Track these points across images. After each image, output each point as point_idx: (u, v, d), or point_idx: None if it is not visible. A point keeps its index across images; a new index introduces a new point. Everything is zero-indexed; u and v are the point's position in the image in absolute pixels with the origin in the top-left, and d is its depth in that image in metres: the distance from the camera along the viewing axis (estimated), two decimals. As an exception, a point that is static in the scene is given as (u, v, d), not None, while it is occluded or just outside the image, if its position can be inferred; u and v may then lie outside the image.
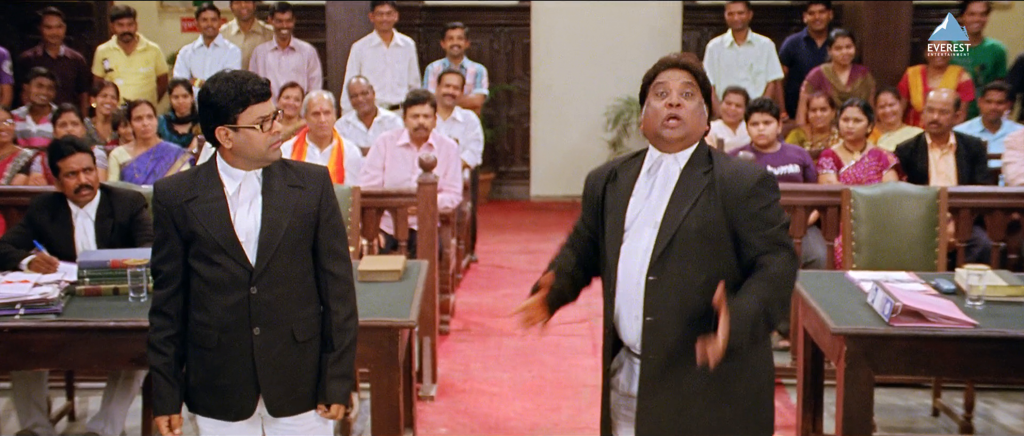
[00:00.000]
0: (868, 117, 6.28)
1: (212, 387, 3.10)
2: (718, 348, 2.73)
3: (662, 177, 2.98)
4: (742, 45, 8.51)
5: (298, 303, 3.09)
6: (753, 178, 2.91)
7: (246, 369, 3.06)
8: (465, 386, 5.61)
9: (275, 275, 3.03)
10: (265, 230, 3.03)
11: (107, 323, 3.85)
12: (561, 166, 10.83)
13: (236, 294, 3.02)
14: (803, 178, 6.27)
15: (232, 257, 3.01)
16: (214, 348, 3.06)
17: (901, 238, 5.30)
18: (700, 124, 2.97)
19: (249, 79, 3.00)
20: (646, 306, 2.91)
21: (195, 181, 3.07)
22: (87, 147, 4.76)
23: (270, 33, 8.97)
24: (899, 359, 3.82)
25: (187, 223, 3.03)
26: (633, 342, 2.98)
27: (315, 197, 3.10)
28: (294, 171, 3.12)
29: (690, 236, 2.88)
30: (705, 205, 2.89)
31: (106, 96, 7.82)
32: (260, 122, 2.99)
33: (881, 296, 3.91)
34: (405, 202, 5.67)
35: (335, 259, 3.13)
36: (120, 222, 4.74)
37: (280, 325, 3.06)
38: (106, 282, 4.14)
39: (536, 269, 8.02)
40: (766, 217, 2.89)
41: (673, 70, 2.98)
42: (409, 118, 6.60)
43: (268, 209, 3.04)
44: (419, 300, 4.16)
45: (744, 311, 2.78)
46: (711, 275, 2.87)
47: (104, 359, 3.97)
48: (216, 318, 3.04)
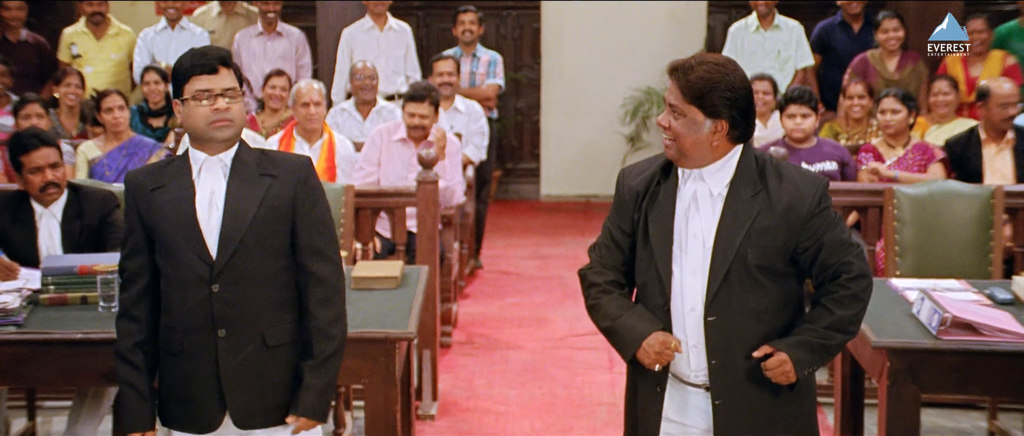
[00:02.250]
0: (908, 107, 6.26)
1: (181, 397, 3.13)
2: (789, 376, 2.99)
3: (700, 193, 3.02)
4: (768, 29, 8.48)
5: (269, 305, 3.09)
6: (814, 196, 2.98)
7: (211, 375, 3.08)
8: (468, 404, 5.60)
9: (239, 272, 3.04)
10: (227, 221, 3.04)
11: (74, 335, 3.84)
12: (574, 163, 10.83)
13: (197, 292, 3.04)
14: (841, 176, 6.24)
15: (193, 249, 3.03)
16: (179, 353, 3.09)
17: (951, 242, 5.27)
18: (697, 144, 2.95)
19: (204, 52, 3.08)
20: (709, 348, 3.01)
21: (165, 170, 3.12)
22: (54, 141, 4.75)
23: (255, 16, 8.96)
24: (948, 376, 3.80)
25: (151, 213, 3.07)
26: (686, 373, 3.08)
27: (289, 187, 3.10)
28: (269, 160, 3.14)
29: (747, 268, 2.96)
30: (760, 233, 2.96)
31: (70, 85, 7.76)
32: (198, 95, 3.03)
33: (928, 306, 3.89)
34: (403, 202, 5.65)
35: (317, 258, 3.13)
36: (89, 224, 4.73)
37: (247, 328, 3.07)
38: (73, 290, 4.13)
39: (546, 276, 8.05)
40: (832, 237, 2.99)
41: (670, 79, 2.99)
42: (406, 116, 6.59)
43: (232, 199, 3.06)
44: (418, 310, 4.15)
45: (810, 344, 3.00)
46: (771, 300, 3.01)
47: (70, 375, 3.95)
48: (179, 319, 3.07)
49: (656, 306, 3.05)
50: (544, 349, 6.43)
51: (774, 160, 3.06)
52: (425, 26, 10.29)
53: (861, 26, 8.48)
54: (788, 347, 2.98)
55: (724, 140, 2.96)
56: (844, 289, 2.99)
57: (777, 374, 2.98)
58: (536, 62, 10.78)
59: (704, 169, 2.99)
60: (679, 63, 2.96)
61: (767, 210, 2.96)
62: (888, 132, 6.26)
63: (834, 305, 2.99)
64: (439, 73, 7.76)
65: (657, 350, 3.00)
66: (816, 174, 3.09)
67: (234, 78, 3.09)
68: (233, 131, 3.08)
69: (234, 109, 3.07)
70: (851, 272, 2.99)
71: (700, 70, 2.92)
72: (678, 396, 3.11)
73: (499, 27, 10.68)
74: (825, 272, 3.00)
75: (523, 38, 10.76)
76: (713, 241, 2.97)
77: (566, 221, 9.97)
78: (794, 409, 3.09)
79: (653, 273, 3.04)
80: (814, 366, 3.03)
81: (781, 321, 3.03)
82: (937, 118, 7.03)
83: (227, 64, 3.09)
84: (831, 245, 2.98)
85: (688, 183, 3.03)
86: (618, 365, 6.00)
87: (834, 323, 2.99)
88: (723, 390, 3.03)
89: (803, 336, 2.99)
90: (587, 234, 9.42)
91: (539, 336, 6.68)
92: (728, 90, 2.92)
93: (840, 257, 2.98)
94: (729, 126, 2.94)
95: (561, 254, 8.71)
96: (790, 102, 6.37)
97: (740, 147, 3.01)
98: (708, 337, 3.00)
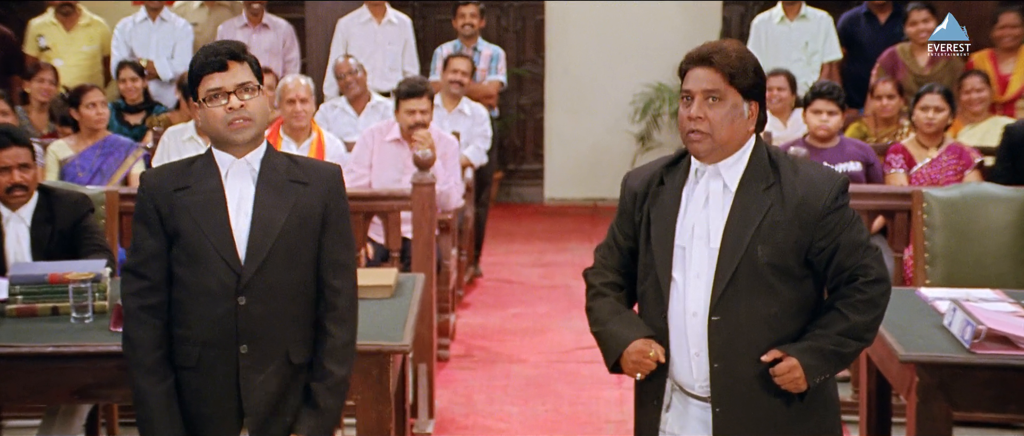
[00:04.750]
0: (951, 107, 6.24)
1: (190, 414, 3.12)
2: (799, 384, 2.94)
3: (713, 189, 3.01)
4: (795, 20, 8.48)
5: (294, 320, 3.11)
6: (830, 192, 2.96)
7: (229, 393, 3.08)
8: (467, 421, 5.60)
9: (267, 284, 3.05)
10: (256, 229, 3.05)
11: (44, 349, 3.82)
12: (580, 164, 10.83)
13: (222, 305, 3.04)
14: (866, 178, 6.24)
15: (223, 259, 3.03)
16: (193, 368, 3.09)
17: (985, 249, 5.26)
18: (734, 132, 2.97)
19: (214, 48, 3.07)
20: (712, 351, 2.98)
21: (189, 170, 3.12)
22: (26, 139, 4.74)
23: (239, 7, 8.98)
24: (983, 393, 3.78)
25: (173, 217, 3.06)
26: (689, 383, 3.06)
27: (320, 197, 3.12)
28: (299, 166, 3.17)
29: (757, 267, 2.94)
30: (771, 228, 2.94)
31: (42, 80, 7.77)
32: (210, 95, 3.04)
33: (960, 318, 3.87)
34: (398, 206, 5.65)
35: (339, 271, 3.16)
36: (61, 229, 4.72)
37: (272, 344, 3.08)
38: (43, 300, 4.11)
39: (550, 284, 8.05)
40: (849, 238, 2.96)
41: (698, 68, 2.99)
42: (403, 114, 6.57)
43: (261, 206, 3.07)
44: (414, 320, 4.14)
45: (823, 350, 2.96)
46: (783, 305, 2.97)
47: (40, 392, 3.94)
48: (198, 332, 3.07)
49: (655, 312, 3.05)
50: (548, 363, 6.43)
51: (790, 155, 3.07)
52: (421, 17, 10.30)
53: (888, 17, 8.47)
54: (798, 352, 2.95)
55: (750, 127, 3.00)
56: (860, 293, 2.96)
57: (786, 381, 2.95)
58: (539, 56, 10.78)
59: (721, 163, 2.99)
60: (705, 49, 2.98)
61: (779, 204, 2.95)
62: (926, 132, 6.23)
63: (849, 310, 2.96)
64: (454, 70, 7.77)
65: (634, 359, 3.03)
66: (834, 170, 3.06)
67: (249, 71, 3.09)
68: (254, 130, 3.09)
69: (252, 105, 3.07)
70: (868, 275, 2.96)
71: (733, 48, 2.97)
72: (681, 408, 3.10)
73: (500, 19, 10.67)
74: (840, 275, 2.98)
75: (525, 31, 10.77)
76: (720, 238, 2.96)
77: (571, 226, 9.97)
78: (811, 425, 3.06)
79: (653, 277, 3.05)
80: (826, 374, 2.99)
81: (795, 328, 3.01)
82: (970, 117, 6.99)
83: (239, 58, 3.09)
84: (847, 246, 2.96)
85: (701, 180, 3.02)
86: (627, 381, 5.96)
87: (849, 329, 2.96)
88: (724, 397, 2.99)
89: (815, 342, 2.96)
90: (594, 240, 9.39)
91: (543, 349, 6.67)
92: (758, 71, 3.00)
93: (857, 259, 2.96)
94: (759, 109, 2.99)
95: (566, 261, 8.71)
96: (817, 97, 6.34)
97: (753, 139, 3.03)
98: (711, 340, 2.97)
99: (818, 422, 3.07)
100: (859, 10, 8.69)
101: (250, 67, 3.10)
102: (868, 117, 7.47)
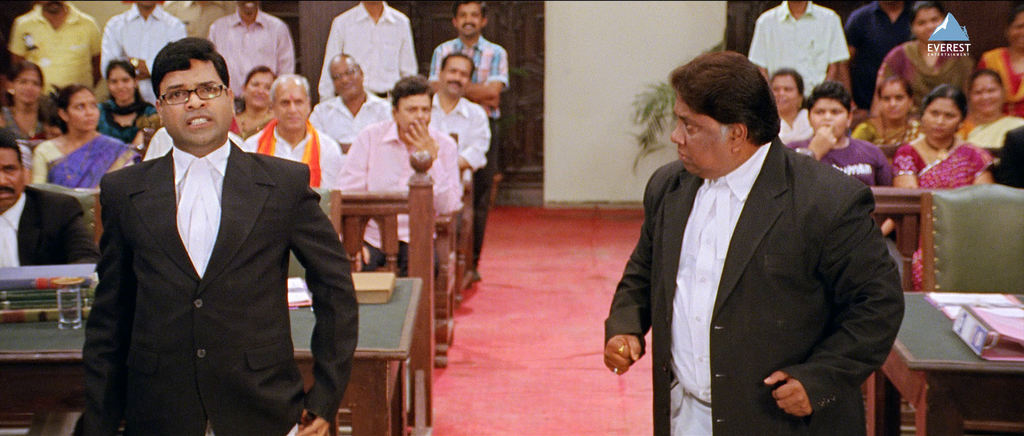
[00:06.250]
0: (962, 111, 6.24)
1: (153, 420, 3.13)
2: (802, 407, 2.93)
3: (720, 198, 3.00)
4: (800, 18, 8.48)
5: (253, 324, 3.10)
6: (844, 203, 2.91)
7: (190, 398, 3.08)
8: (465, 429, 5.60)
9: (226, 288, 3.05)
10: (224, 234, 3.05)
11: (31, 355, 3.82)
12: (581, 166, 10.83)
13: (178, 309, 3.04)
14: (875, 181, 6.23)
15: (175, 263, 3.03)
16: (153, 374, 3.09)
17: (996, 253, 5.25)
18: (719, 155, 2.95)
19: (181, 46, 3.09)
20: (714, 361, 2.98)
21: (146, 174, 3.13)
22: (12, 141, 4.73)
23: (232, 6, 8.98)
24: (995, 401, 3.78)
25: (129, 222, 3.08)
26: (694, 388, 3.07)
27: (288, 201, 3.13)
28: (265, 167, 3.16)
29: (762, 277, 2.92)
30: (780, 238, 2.92)
31: (25, 81, 7.76)
32: (171, 92, 3.05)
33: (971, 324, 3.87)
34: (394, 209, 5.65)
35: (332, 262, 3.21)
36: (49, 233, 4.71)
37: (230, 348, 3.07)
38: (30, 306, 4.11)
39: (550, 289, 8.05)
40: (861, 254, 2.92)
41: (676, 88, 2.99)
42: (403, 111, 6.56)
43: (229, 209, 3.07)
44: (411, 326, 4.14)
45: (828, 372, 2.93)
46: (790, 317, 2.94)
47: (26, 399, 3.93)
48: (156, 337, 3.08)
49: (661, 315, 3.07)
50: (548, 369, 6.42)
51: (810, 161, 3.03)
52: (419, 16, 10.30)
53: (899, 15, 8.46)
54: (802, 375, 2.92)
55: (745, 144, 2.95)
56: (868, 313, 2.92)
57: (789, 404, 2.93)
58: (540, 56, 10.78)
59: (728, 176, 2.98)
60: (680, 72, 2.95)
61: (790, 212, 2.92)
62: (936, 135, 6.22)
63: (856, 331, 2.92)
64: (453, 70, 7.77)
65: (606, 353, 3.11)
66: (856, 181, 3.00)
67: (213, 71, 3.09)
68: (215, 131, 3.08)
69: (213, 105, 3.06)
70: (878, 295, 2.92)
71: (703, 75, 2.91)
72: (688, 413, 3.12)
73: (499, 17, 10.67)
74: (849, 292, 2.94)
75: (525, 30, 10.77)
76: (727, 245, 2.95)
77: (572, 230, 9.97)
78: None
79: (659, 281, 3.07)
80: (832, 397, 2.95)
81: (806, 342, 2.98)
82: (981, 118, 6.98)
83: (203, 56, 3.09)
84: (859, 262, 2.91)
85: (709, 190, 3.03)
86: (629, 387, 6.00)
87: (856, 351, 2.92)
88: (727, 409, 2.99)
89: (820, 363, 2.93)
90: (595, 244, 9.42)
91: (542, 355, 6.67)
92: (738, 90, 2.90)
93: (867, 277, 2.92)
94: (747, 128, 2.93)
95: (567, 266, 8.71)
96: (819, 96, 6.35)
97: (767, 146, 2.99)
98: (713, 349, 2.97)
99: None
100: (869, 8, 8.68)
101: (214, 67, 3.10)
102: (876, 118, 7.46)
